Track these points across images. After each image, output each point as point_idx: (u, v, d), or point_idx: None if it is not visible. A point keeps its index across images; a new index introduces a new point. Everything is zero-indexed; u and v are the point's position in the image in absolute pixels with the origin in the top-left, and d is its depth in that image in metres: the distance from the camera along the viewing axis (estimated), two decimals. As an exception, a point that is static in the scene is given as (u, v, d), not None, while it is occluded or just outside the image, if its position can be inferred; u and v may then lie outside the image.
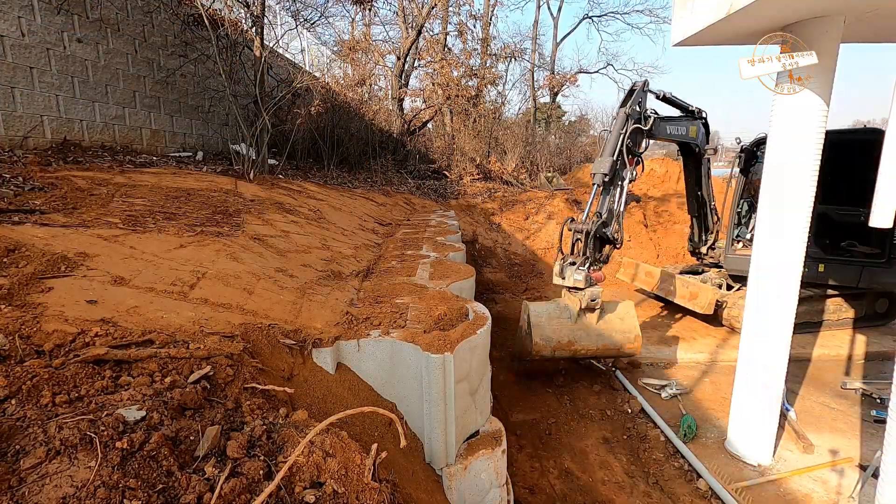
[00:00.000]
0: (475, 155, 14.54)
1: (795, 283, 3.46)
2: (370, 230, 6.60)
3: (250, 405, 1.70)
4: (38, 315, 1.90)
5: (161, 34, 7.42)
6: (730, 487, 3.44)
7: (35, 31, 5.35)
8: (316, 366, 2.38)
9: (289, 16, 10.71)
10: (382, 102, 15.37)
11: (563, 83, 22.17)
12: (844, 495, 3.42)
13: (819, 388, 5.12)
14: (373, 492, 1.40)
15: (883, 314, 6.86)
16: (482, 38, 16.89)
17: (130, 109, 6.86)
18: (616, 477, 3.88)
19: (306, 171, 10.21)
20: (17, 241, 2.55)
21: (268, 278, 3.22)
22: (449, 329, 2.63)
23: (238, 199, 5.34)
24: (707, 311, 6.51)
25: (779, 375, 3.65)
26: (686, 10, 3.36)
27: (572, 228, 4.81)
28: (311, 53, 14.14)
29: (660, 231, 11.39)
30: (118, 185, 4.56)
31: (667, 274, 7.54)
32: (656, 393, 5.02)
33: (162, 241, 3.24)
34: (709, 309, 6.50)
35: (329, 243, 4.91)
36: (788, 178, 3.34)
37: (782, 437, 4.09)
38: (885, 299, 6.79)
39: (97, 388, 1.51)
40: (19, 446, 1.16)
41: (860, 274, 6.11)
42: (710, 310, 6.50)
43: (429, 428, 2.36)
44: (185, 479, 1.20)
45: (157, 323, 2.11)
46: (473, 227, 10.52)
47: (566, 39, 26.55)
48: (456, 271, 4.06)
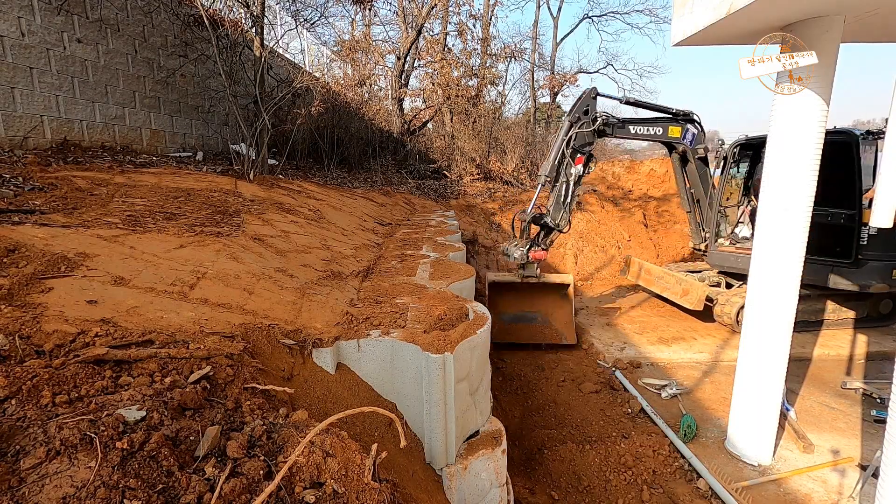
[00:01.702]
0: (475, 155, 14.53)
1: (795, 283, 3.46)
2: (370, 230, 6.61)
3: (250, 405, 1.70)
4: (38, 315, 1.90)
5: (161, 34, 7.42)
6: (730, 487, 3.44)
7: (35, 32, 5.36)
8: (316, 366, 2.38)
9: (289, 16, 10.72)
10: (382, 102, 15.37)
11: (563, 83, 22.15)
12: (845, 495, 3.42)
13: (819, 387, 5.12)
14: (373, 492, 1.40)
15: (886, 315, 6.83)
16: (482, 38, 16.89)
17: (130, 109, 6.86)
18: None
19: (306, 171, 10.21)
20: (17, 241, 2.55)
21: (268, 278, 3.22)
22: (449, 329, 2.63)
23: (238, 199, 5.34)
24: (697, 307, 6.66)
25: (779, 375, 3.65)
26: (686, 9, 3.35)
27: (520, 218, 5.88)
28: (311, 53, 14.14)
29: (660, 231, 11.40)
30: (118, 186, 4.56)
31: (662, 271, 7.62)
32: (656, 393, 5.02)
33: (162, 241, 3.24)
34: (698, 305, 6.63)
35: (329, 243, 4.91)
36: (788, 178, 3.34)
37: (782, 437, 4.09)
38: (888, 300, 6.76)
39: (97, 388, 1.51)
40: (19, 446, 1.16)
41: (828, 274, 6.12)
42: (699, 306, 6.64)
43: (429, 428, 2.36)
44: (185, 479, 1.20)
45: (157, 323, 2.11)
46: (473, 227, 10.52)
47: (566, 39, 26.62)
48: (456, 271, 4.06)
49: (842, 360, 5.86)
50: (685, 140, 6.46)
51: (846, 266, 6.01)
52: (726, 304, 6.43)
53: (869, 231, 5.81)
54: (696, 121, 6.50)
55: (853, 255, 5.96)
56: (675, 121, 6.38)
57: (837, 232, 6.04)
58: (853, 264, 5.97)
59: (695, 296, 6.66)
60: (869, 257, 5.90)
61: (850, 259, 5.98)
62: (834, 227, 6.07)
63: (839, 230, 6.07)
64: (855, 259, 5.95)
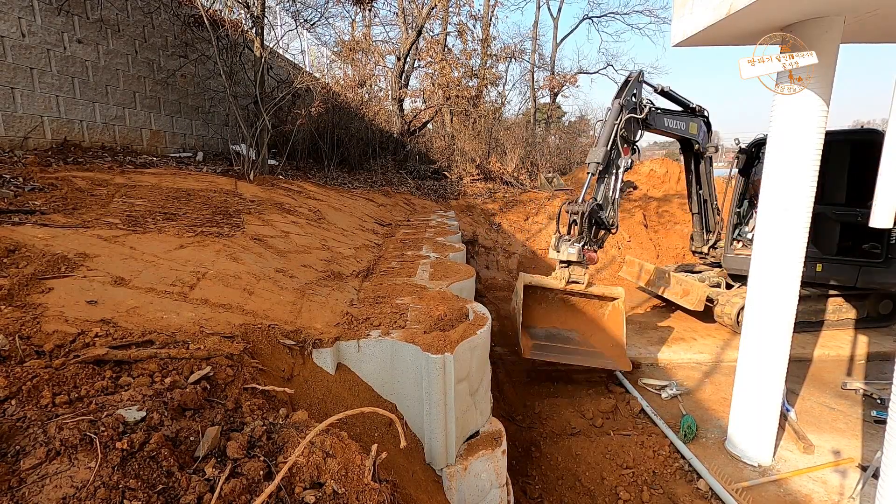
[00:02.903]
0: (475, 155, 14.54)
1: (795, 283, 3.46)
2: (370, 230, 6.61)
3: (250, 405, 1.70)
4: (39, 315, 1.90)
5: (161, 35, 7.43)
6: (730, 488, 3.44)
7: (35, 32, 5.36)
8: (316, 366, 2.38)
9: (289, 16, 10.73)
10: (382, 103, 15.38)
11: (563, 84, 22.17)
12: (845, 496, 3.41)
13: (819, 388, 5.12)
14: (373, 492, 1.40)
15: (887, 316, 6.83)
16: (482, 39, 16.91)
17: (130, 110, 6.87)
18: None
19: (306, 172, 10.21)
20: (17, 241, 2.55)
21: (268, 279, 3.22)
22: (449, 329, 2.63)
23: (238, 199, 5.34)
24: (697, 307, 6.63)
25: (779, 375, 3.64)
26: (686, 10, 3.36)
27: (569, 210, 4.92)
28: (311, 54, 14.15)
29: (660, 231, 11.40)
30: (118, 186, 4.56)
31: (662, 271, 7.60)
32: (656, 393, 5.02)
33: (162, 241, 3.24)
34: (699, 305, 6.61)
35: (329, 244, 4.91)
36: (788, 178, 3.34)
37: (782, 438, 4.09)
38: (888, 301, 6.77)
39: (97, 388, 1.51)
40: (19, 447, 1.16)
41: (857, 274, 6.11)
42: (700, 306, 6.62)
43: (429, 428, 2.36)
44: (185, 479, 1.20)
45: (157, 323, 2.11)
46: (473, 228, 10.53)
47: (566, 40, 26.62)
48: (456, 271, 4.05)
49: (842, 361, 5.85)
50: (699, 138, 6.28)
51: (877, 266, 6.01)
52: (727, 304, 6.42)
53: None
54: (707, 118, 6.33)
55: (884, 255, 5.97)
56: (695, 116, 6.17)
57: (867, 232, 5.96)
58: (883, 264, 5.98)
59: (695, 296, 6.65)
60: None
61: (881, 259, 5.99)
62: (864, 228, 6.07)
63: (869, 230, 6.06)
64: (885, 259, 5.96)
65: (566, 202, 5.04)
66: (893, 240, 6.03)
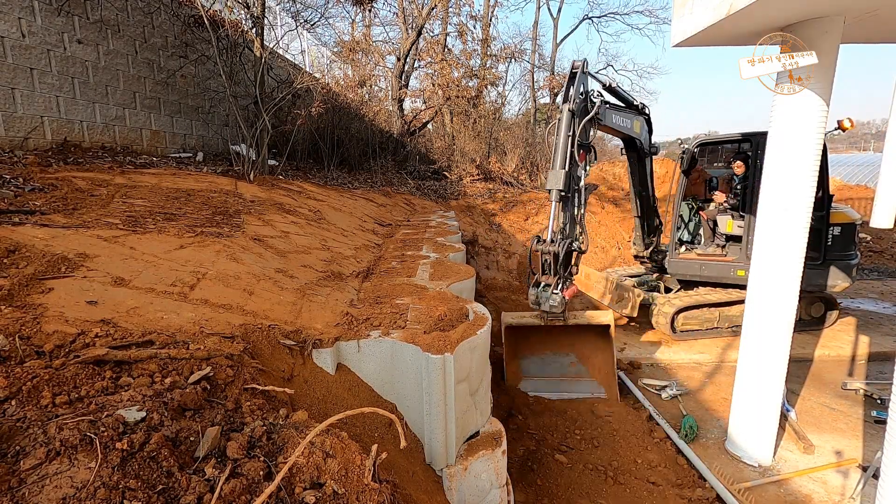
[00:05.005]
0: (475, 155, 14.55)
1: (796, 284, 3.46)
2: (370, 231, 6.61)
3: (250, 406, 1.70)
4: (39, 316, 1.90)
5: (161, 35, 7.43)
6: (732, 488, 3.44)
7: (35, 33, 5.36)
8: (316, 366, 2.38)
9: (289, 17, 10.74)
10: (382, 103, 15.39)
11: (563, 84, 22.14)
12: (845, 496, 3.41)
13: (820, 388, 5.12)
14: (373, 492, 1.40)
15: (818, 318, 6.64)
16: (482, 39, 16.93)
17: (131, 110, 6.87)
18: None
19: (306, 172, 10.22)
20: (17, 241, 2.55)
21: (268, 279, 3.22)
22: (449, 330, 2.63)
23: (238, 199, 5.34)
24: (631, 313, 6.57)
25: (779, 376, 3.64)
26: (686, 10, 3.36)
27: (539, 250, 4.54)
28: (311, 54, 14.15)
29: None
30: (118, 186, 4.56)
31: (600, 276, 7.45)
32: (657, 393, 5.02)
33: (162, 241, 3.24)
34: (633, 312, 6.54)
35: (329, 244, 4.91)
36: (788, 178, 3.34)
37: (783, 438, 4.09)
38: (820, 303, 6.59)
39: (97, 388, 1.50)
40: (19, 447, 1.16)
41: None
42: (633, 312, 6.55)
43: (429, 428, 2.36)
44: (185, 479, 1.20)
45: (157, 323, 2.11)
46: (473, 228, 10.52)
47: (566, 40, 26.62)
48: (456, 272, 4.05)
49: (842, 361, 5.85)
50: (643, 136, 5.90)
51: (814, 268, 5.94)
52: (664, 305, 6.16)
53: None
54: (648, 116, 5.88)
55: (822, 256, 5.96)
56: (639, 114, 5.72)
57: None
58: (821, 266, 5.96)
59: (629, 302, 6.54)
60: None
61: (819, 261, 5.96)
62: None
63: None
64: (823, 260, 5.94)
65: (535, 239, 4.58)
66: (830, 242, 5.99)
